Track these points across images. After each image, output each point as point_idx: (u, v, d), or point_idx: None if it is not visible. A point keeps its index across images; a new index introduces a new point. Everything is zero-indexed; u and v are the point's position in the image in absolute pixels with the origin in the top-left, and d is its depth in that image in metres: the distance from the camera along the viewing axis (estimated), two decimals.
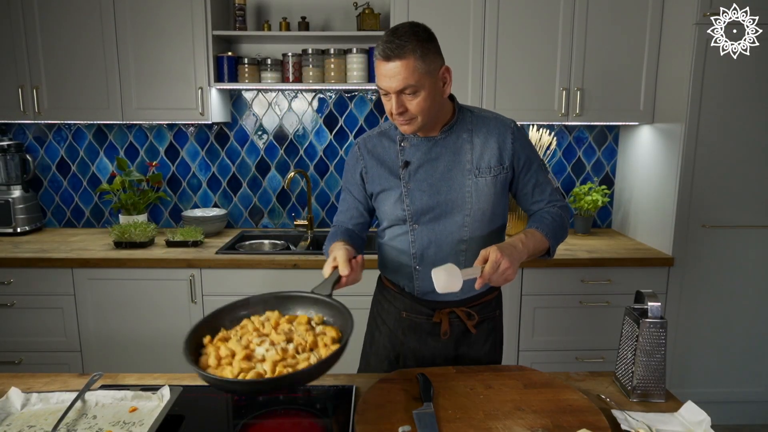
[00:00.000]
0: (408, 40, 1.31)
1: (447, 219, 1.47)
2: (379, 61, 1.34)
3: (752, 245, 2.54)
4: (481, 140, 1.46)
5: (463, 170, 1.46)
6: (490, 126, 1.48)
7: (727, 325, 2.60)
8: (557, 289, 2.54)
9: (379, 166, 1.52)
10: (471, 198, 1.45)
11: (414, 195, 1.47)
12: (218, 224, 2.94)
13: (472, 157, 1.46)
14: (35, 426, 1.11)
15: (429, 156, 1.47)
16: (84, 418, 1.14)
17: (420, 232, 1.49)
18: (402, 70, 1.31)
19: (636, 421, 1.15)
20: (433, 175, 1.47)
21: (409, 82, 1.32)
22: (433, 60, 1.35)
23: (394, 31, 1.34)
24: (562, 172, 3.10)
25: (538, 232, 1.43)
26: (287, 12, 2.88)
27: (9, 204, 2.85)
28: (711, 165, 2.46)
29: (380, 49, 1.33)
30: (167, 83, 2.66)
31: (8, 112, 2.70)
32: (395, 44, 1.31)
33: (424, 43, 1.33)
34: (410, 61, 1.31)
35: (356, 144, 1.58)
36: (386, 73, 1.34)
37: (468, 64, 2.63)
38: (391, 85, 1.33)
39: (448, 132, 1.47)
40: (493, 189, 1.46)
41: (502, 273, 1.27)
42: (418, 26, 1.36)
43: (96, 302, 2.53)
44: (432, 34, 1.38)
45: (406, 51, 1.31)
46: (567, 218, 1.52)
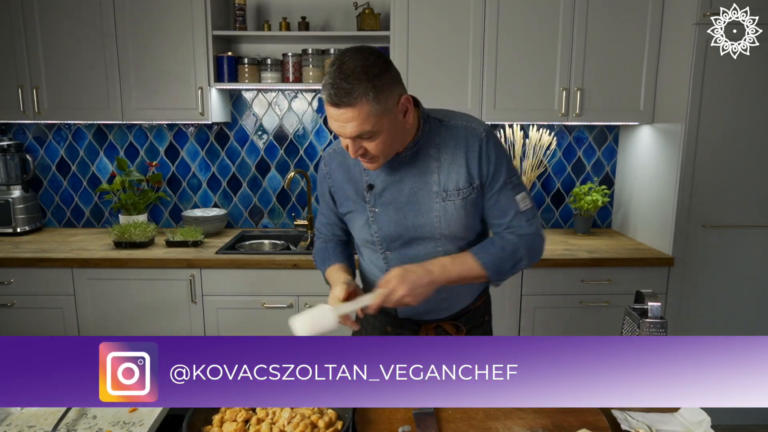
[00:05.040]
0: (358, 81, 1.14)
1: (418, 244, 1.37)
2: (326, 103, 1.18)
3: (752, 245, 2.53)
4: (449, 156, 1.32)
5: (430, 192, 1.33)
6: (458, 138, 1.32)
7: (727, 325, 2.60)
8: (557, 289, 2.54)
9: (345, 185, 1.41)
10: (440, 223, 1.34)
11: (381, 220, 1.36)
12: (218, 224, 2.94)
13: (439, 177, 1.32)
14: (35, 426, 1.12)
15: (393, 177, 1.34)
16: (84, 418, 1.15)
17: (393, 257, 1.40)
18: (354, 117, 1.16)
19: (636, 421, 1.15)
20: (399, 199, 1.34)
21: (365, 128, 1.18)
22: (389, 95, 1.19)
23: (341, 68, 1.15)
24: (562, 172, 3.10)
25: (473, 258, 1.31)
26: (287, 12, 2.88)
27: (9, 204, 2.85)
28: (711, 165, 2.46)
29: (326, 93, 1.16)
30: (167, 83, 2.66)
31: (8, 112, 2.70)
32: (343, 89, 1.14)
33: (377, 80, 1.16)
34: (362, 105, 1.15)
35: (323, 159, 1.46)
36: (337, 119, 1.18)
37: (468, 64, 2.62)
38: (344, 132, 1.20)
39: (413, 149, 1.32)
40: (463, 212, 1.34)
41: (396, 302, 1.20)
42: (368, 59, 1.17)
43: (96, 302, 2.53)
44: (385, 62, 1.20)
45: (356, 95, 1.14)
46: (526, 247, 1.35)
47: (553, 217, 3.15)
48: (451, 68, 2.63)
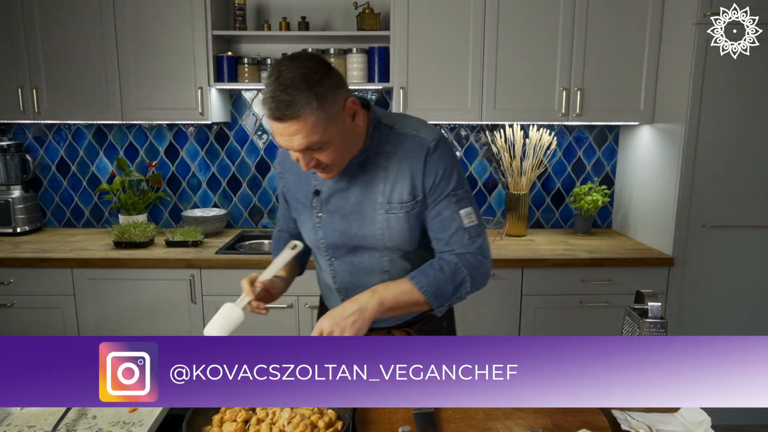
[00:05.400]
0: (298, 91, 1.08)
1: (363, 253, 1.34)
2: (269, 119, 1.12)
3: (752, 245, 2.53)
4: (396, 167, 1.26)
5: (374, 203, 1.28)
6: (406, 147, 1.26)
7: (727, 325, 2.60)
8: (557, 289, 2.54)
9: (296, 188, 1.39)
10: (383, 235, 1.30)
11: (326, 227, 1.34)
12: (218, 224, 2.94)
13: (385, 188, 1.27)
14: (35, 426, 1.12)
15: (340, 185, 1.30)
16: (84, 418, 1.15)
17: (339, 265, 1.38)
18: (300, 129, 1.10)
19: (636, 421, 1.15)
20: (344, 207, 1.31)
21: (313, 139, 1.12)
22: (333, 101, 1.13)
23: (279, 79, 1.08)
24: (563, 172, 3.10)
25: (409, 282, 1.25)
26: (287, 12, 2.88)
27: (9, 204, 2.85)
28: (711, 165, 2.46)
29: (267, 108, 1.10)
30: (167, 83, 2.66)
31: (8, 112, 2.70)
32: (284, 101, 1.08)
33: (319, 87, 1.10)
34: (307, 116, 1.09)
35: (277, 158, 1.44)
36: (282, 133, 1.12)
37: (468, 64, 2.62)
38: (291, 145, 1.14)
39: (362, 156, 1.27)
40: (406, 225, 1.29)
41: (331, 335, 1.17)
42: (307, 65, 1.11)
43: (96, 302, 2.53)
44: (325, 66, 1.14)
45: (299, 106, 1.08)
46: (468, 269, 1.27)
47: (553, 217, 3.15)
48: (451, 68, 2.63)
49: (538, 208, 3.13)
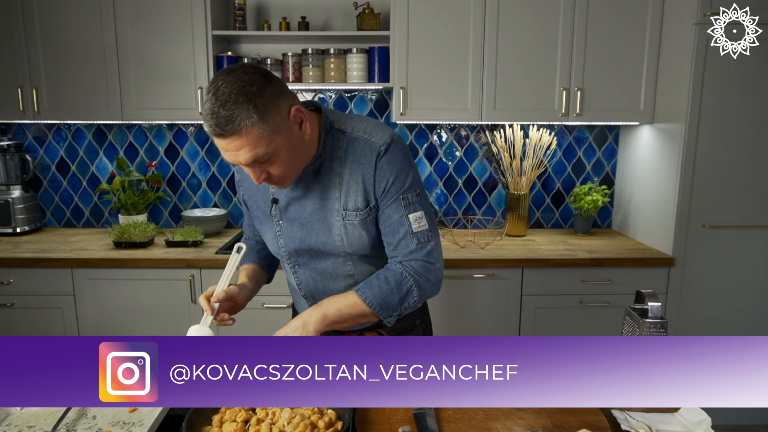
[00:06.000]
0: (237, 105, 1.05)
1: (326, 259, 1.33)
2: (211, 136, 1.10)
3: (752, 245, 2.54)
4: (349, 172, 1.25)
5: (331, 210, 1.27)
6: (358, 152, 1.24)
7: (727, 325, 2.60)
8: (557, 289, 2.54)
9: (256, 195, 1.37)
10: (342, 242, 1.29)
11: (287, 235, 1.33)
12: (218, 224, 2.94)
13: (340, 194, 1.26)
14: (35, 426, 1.12)
15: (296, 193, 1.29)
16: (84, 418, 1.15)
17: (303, 272, 1.38)
18: (244, 144, 1.08)
19: (636, 421, 1.15)
20: (303, 215, 1.30)
21: (258, 152, 1.10)
22: (276, 111, 1.10)
23: (216, 95, 1.06)
24: (563, 172, 3.10)
25: (355, 294, 1.25)
26: (287, 12, 2.88)
27: (9, 204, 2.85)
28: (711, 165, 2.46)
29: (207, 125, 1.08)
30: (167, 83, 2.66)
31: (8, 112, 2.70)
32: (223, 117, 1.05)
33: (258, 99, 1.07)
34: (249, 130, 1.07)
35: (235, 167, 1.41)
36: (226, 149, 1.10)
37: (468, 64, 2.62)
38: (238, 160, 1.12)
39: (316, 162, 1.25)
40: (364, 232, 1.28)
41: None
42: (243, 78, 1.07)
43: (96, 302, 2.53)
44: (263, 76, 1.10)
45: (238, 122, 1.06)
46: (414, 277, 1.26)
47: (553, 217, 3.15)
48: (451, 68, 2.63)
49: (538, 208, 3.13)
